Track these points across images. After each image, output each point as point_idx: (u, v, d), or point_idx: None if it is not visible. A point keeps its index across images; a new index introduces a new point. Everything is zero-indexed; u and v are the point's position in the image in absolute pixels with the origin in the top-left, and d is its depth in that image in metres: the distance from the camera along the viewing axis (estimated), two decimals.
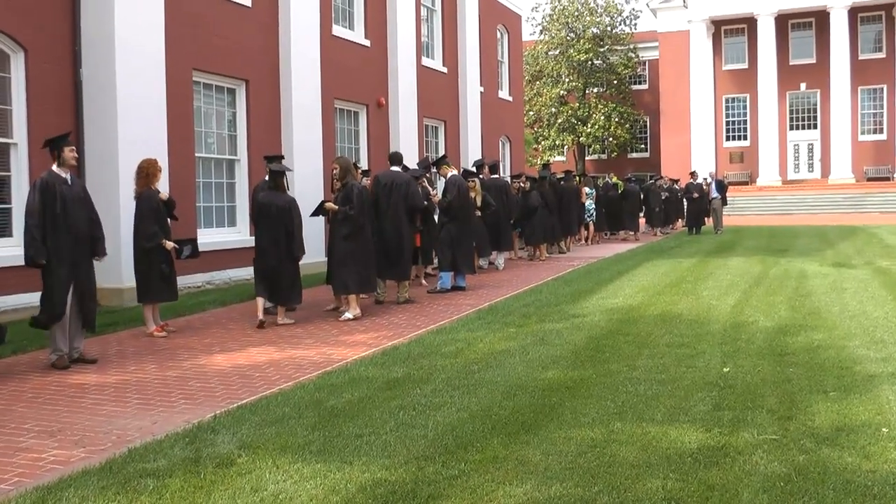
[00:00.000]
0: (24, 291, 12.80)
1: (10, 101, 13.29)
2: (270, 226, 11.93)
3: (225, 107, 17.58)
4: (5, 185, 13.28)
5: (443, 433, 6.29)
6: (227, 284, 16.35)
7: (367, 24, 22.46)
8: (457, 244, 15.16)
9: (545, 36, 60.80)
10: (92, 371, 9.33)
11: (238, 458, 5.83)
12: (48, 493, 5.32)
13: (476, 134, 29.10)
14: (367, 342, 10.45)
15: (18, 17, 13.16)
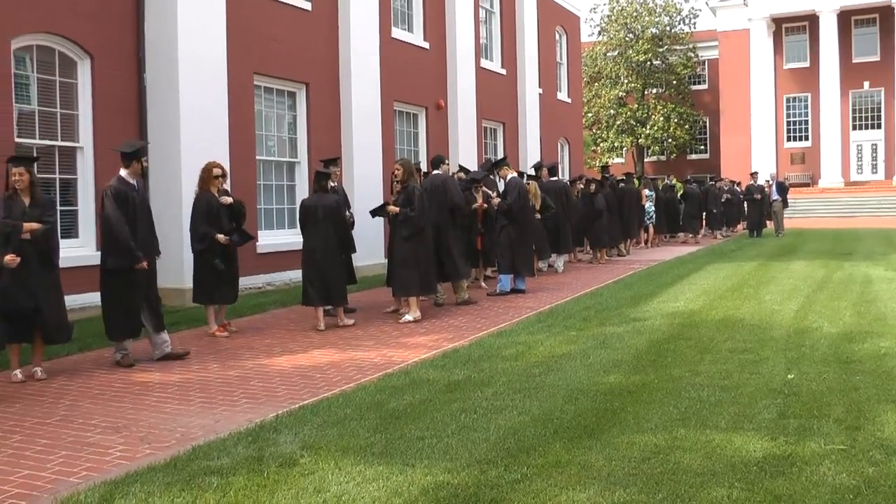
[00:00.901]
0: (89, 291, 13.02)
1: (77, 107, 13.57)
2: (318, 228, 11.97)
3: (285, 110, 17.73)
4: (71, 187, 13.53)
5: (504, 436, 6.27)
6: (287, 286, 16.47)
7: (425, 27, 22.51)
8: (516, 247, 15.13)
9: (604, 37, 60.43)
10: (156, 369, 9.48)
11: (300, 458, 5.87)
12: (115, 487, 5.42)
13: (535, 136, 29.02)
14: (428, 344, 10.47)
15: (85, 24, 13.42)
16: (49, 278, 9.15)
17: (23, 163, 9.21)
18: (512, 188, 15.22)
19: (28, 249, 8.88)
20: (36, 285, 8.94)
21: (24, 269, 8.85)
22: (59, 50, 13.32)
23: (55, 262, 9.26)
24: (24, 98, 12.87)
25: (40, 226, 8.96)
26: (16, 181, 8.98)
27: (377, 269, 16.55)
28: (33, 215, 8.98)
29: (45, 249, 9.06)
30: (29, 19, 12.59)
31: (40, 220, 9.01)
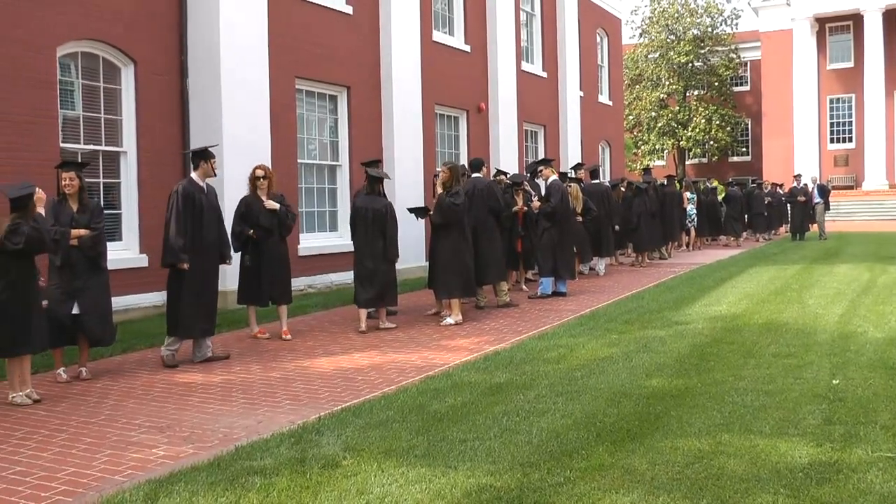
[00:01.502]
0: (132, 293, 13.19)
1: (121, 112, 13.71)
2: (367, 230, 12.07)
3: (327, 113, 17.81)
4: (114, 191, 13.68)
5: (547, 439, 6.25)
6: (328, 288, 16.54)
7: (466, 30, 22.52)
8: (558, 249, 15.10)
9: (645, 39, 60.07)
10: (198, 370, 9.57)
11: (343, 459, 5.88)
12: (159, 486, 5.48)
13: (576, 139, 28.93)
14: (469, 347, 10.46)
15: (128, 31, 13.57)
16: (97, 282, 9.29)
17: (73, 168, 9.35)
18: (554, 190, 15.18)
19: (76, 254, 9.05)
20: (82, 289, 9.10)
21: (71, 273, 9.00)
22: (104, 56, 13.47)
23: (103, 266, 9.40)
24: (69, 104, 13.03)
25: (88, 232, 9.11)
26: (66, 186, 9.12)
27: (417, 272, 16.57)
28: (81, 221, 9.13)
29: (91, 255, 9.19)
30: (74, 27, 12.76)
31: (88, 225, 9.16)
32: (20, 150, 11.65)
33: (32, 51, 12.08)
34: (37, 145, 11.89)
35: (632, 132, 59.57)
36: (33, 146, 11.83)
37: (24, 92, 11.94)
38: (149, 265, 13.53)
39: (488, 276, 13.71)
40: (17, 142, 11.74)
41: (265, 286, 11.51)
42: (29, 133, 11.93)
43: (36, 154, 11.64)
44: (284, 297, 11.74)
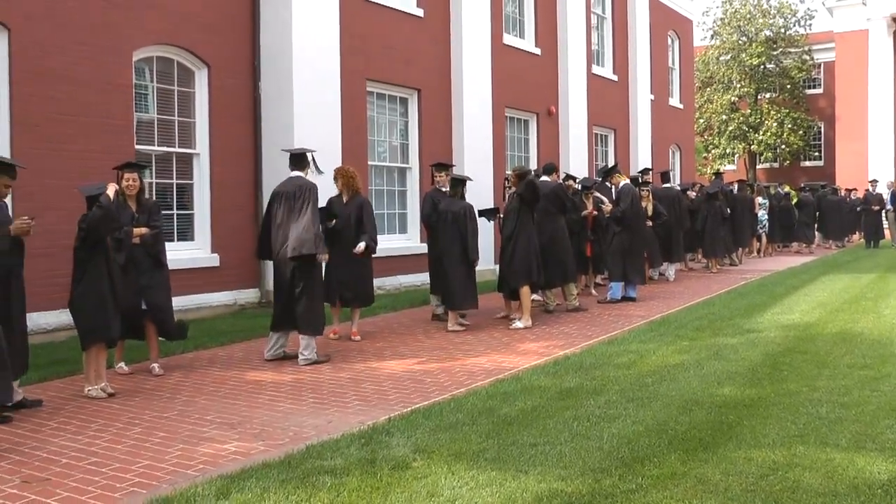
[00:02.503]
0: (204, 292, 13.37)
1: (194, 114, 13.92)
2: (446, 231, 12.22)
3: (397, 116, 17.87)
4: (187, 192, 13.88)
5: (618, 446, 6.17)
6: (397, 290, 16.59)
7: (537, 33, 22.43)
8: (628, 254, 14.97)
9: (716, 40, 59.08)
10: (268, 369, 9.67)
11: (413, 461, 5.88)
12: (231, 482, 5.53)
13: (646, 143, 28.64)
14: (539, 351, 10.41)
15: (202, 35, 13.77)
16: (160, 278, 9.60)
17: (136, 169, 9.62)
18: (625, 195, 15.07)
19: (139, 252, 9.33)
20: (146, 285, 9.39)
21: (136, 270, 9.27)
22: (178, 60, 13.69)
23: (165, 262, 9.69)
24: (143, 107, 13.26)
25: (148, 230, 9.37)
26: (128, 187, 9.38)
27: (486, 274, 16.51)
28: (141, 220, 9.42)
29: (153, 252, 9.49)
30: (150, 32, 12.99)
31: (148, 224, 9.44)
32: (97, 152, 11.88)
33: (109, 55, 12.32)
34: (113, 148, 12.11)
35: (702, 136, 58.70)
36: (109, 148, 12.04)
37: (101, 96, 12.19)
38: (220, 265, 13.70)
39: (558, 279, 13.63)
40: (93, 144, 11.98)
41: (334, 286, 11.60)
42: (105, 135, 12.17)
43: (112, 156, 11.82)
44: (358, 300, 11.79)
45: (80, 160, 11.70)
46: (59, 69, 11.68)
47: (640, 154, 28.05)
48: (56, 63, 11.65)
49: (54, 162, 11.47)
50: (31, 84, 11.38)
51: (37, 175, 10.79)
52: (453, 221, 12.22)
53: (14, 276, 7.78)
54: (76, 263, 8.46)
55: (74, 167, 11.54)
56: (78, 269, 8.43)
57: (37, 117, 11.42)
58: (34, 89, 11.40)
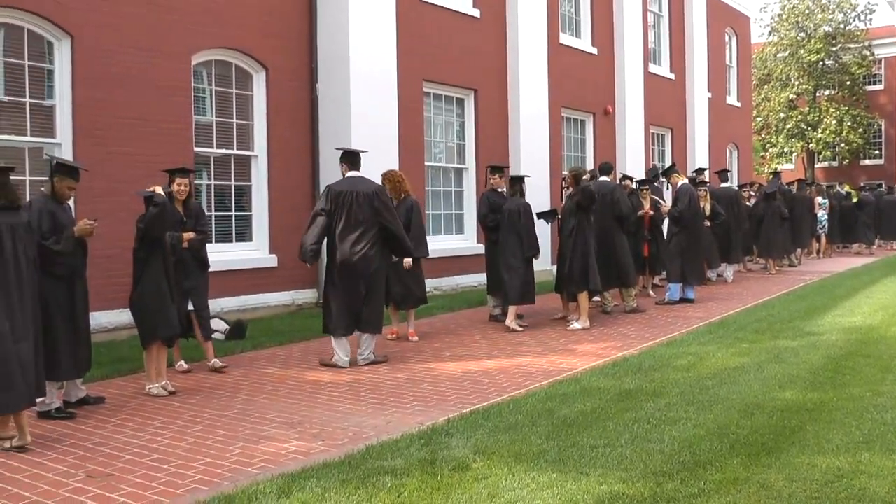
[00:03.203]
0: (263, 292, 13.49)
1: (252, 117, 14.03)
2: (503, 229, 12.33)
3: (454, 116, 17.87)
4: (245, 193, 14.01)
5: (679, 449, 6.09)
6: (454, 291, 16.59)
7: (594, 32, 22.30)
8: (686, 255, 14.81)
9: (774, 37, 58.12)
10: (327, 369, 9.69)
11: (473, 462, 5.86)
12: (292, 480, 5.57)
13: (703, 142, 28.33)
14: (597, 352, 10.35)
15: (260, 38, 13.88)
16: (204, 281, 9.86)
17: (187, 175, 9.81)
18: (683, 194, 14.91)
19: (186, 255, 9.50)
20: (192, 287, 9.59)
21: (184, 273, 9.43)
22: (236, 63, 13.81)
23: (208, 266, 9.91)
24: (202, 110, 13.41)
25: (195, 235, 9.58)
26: (179, 192, 9.52)
27: (544, 275, 16.42)
28: (189, 224, 9.61)
29: (200, 256, 9.71)
30: (208, 36, 13.12)
31: (195, 228, 9.63)
32: (156, 155, 12.00)
33: (168, 60, 12.48)
34: (172, 150, 12.24)
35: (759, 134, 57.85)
36: (168, 151, 12.17)
37: (161, 100, 12.34)
38: (278, 265, 13.81)
39: (616, 280, 13.54)
40: (153, 148, 12.12)
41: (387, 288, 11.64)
42: (164, 139, 12.33)
43: (171, 159, 11.92)
44: (410, 301, 11.80)
45: (139, 164, 11.85)
46: (119, 74, 11.85)
47: (698, 153, 27.76)
48: (117, 68, 11.83)
49: (114, 166, 11.64)
50: (92, 89, 11.56)
51: (98, 178, 10.95)
52: (510, 219, 12.26)
53: (78, 275, 7.92)
54: (135, 263, 8.62)
55: (134, 170, 11.69)
56: (137, 269, 8.60)
57: (98, 122, 11.61)
58: (96, 94, 11.59)
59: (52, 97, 11.45)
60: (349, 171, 10.23)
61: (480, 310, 14.13)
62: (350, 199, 9.89)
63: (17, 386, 6.67)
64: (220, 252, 12.62)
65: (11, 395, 6.67)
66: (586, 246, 12.46)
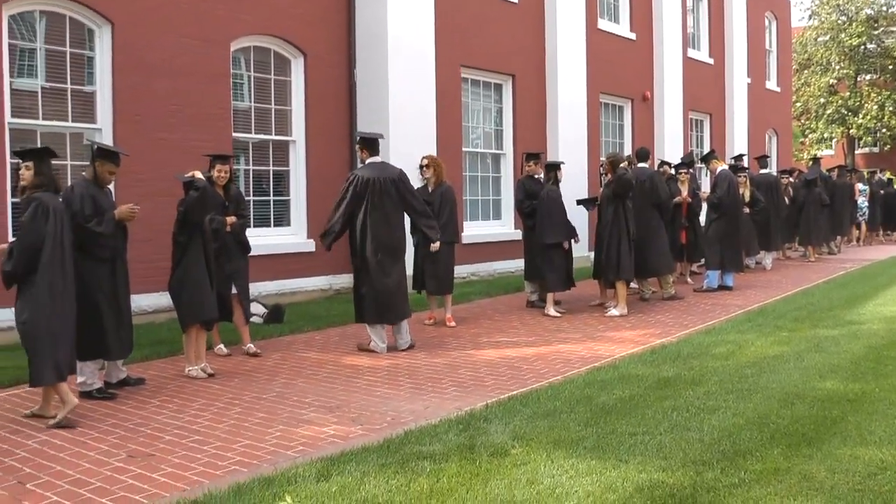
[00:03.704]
0: (301, 276, 13.55)
1: (290, 102, 14.09)
2: (541, 215, 12.35)
3: (491, 103, 17.82)
4: (283, 178, 14.08)
5: (719, 438, 6.04)
6: (491, 276, 16.59)
7: (632, 17, 22.13)
8: (725, 242, 14.68)
9: (814, 21, 57.26)
10: (364, 354, 9.73)
11: (512, 448, 5.85)
12: (331, 464, 5.59)
13: (742, 127, 28.05)
14: (635, 339, 10.31)
15: (299, 24, 13.92)
16: (244, 265, 9.96)
17: (227, 161, 9.88)
18: (722, 181, 14.78)
19: (229, 239, 9.59)
20: (234, 270, 9.69)
21: (226, 257, 9.53)
22: (275, 49, 13.86)
23: (249, 249, 10.02)
24: (240, 96, 13.47)
25: (237, 219, 9.69)
26: (220, 178, 9.60)
27: (581, 261, 16.36)
28: (230, 208, 9.70)
29: (242, 240, 9.83)
30: (248, 23, 13.18)
31: (236, 213, 9.74)
32: (196, 141, 12.11)
33: (208, 47, 12.54)
34: (210, 136, 12.35)
35: (799, 120, 57.12)
36: (207, 137, 12.28)
37: (200, 86, 12.42)
38: (315, 250, 13.85)
39: (653, 267, 13.47)
40: (192, 133, 12.23)
41: (418, 274, 11.73)
42: (203, 125, 12.42)
43: (209, 144, 12.05)
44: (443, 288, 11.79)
45: (179, 149, 11.94)
46: (159, 61, 11.94)
47: (737, 139, 27.50)
48: (156, 55, 11.91)
49: (154, 151, 11.74)
50: (132, 76, 11.66)
51: (137, 163, 11.02)
52: (545, 206, 12.28)
53: (119, 258, 8.03)
54: (175, 248, 8.71)
55: (173, 156, 11.78)
56: (177, 253, 8.69)
57: (137, 108, 11.70)
58: (135, 81, 11.68)
59: (92, 83, 11.55)
60: (370, 157, 10.13)
61: (518, 295, 14.10)
62: (378, 186, 9.85)
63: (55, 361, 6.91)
64: (258, 237, 12.67)
65: (46, 369, 6.87)
66: (623, 234, 12.40)
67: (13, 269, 6.95)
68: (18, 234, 7.09)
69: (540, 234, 12.32)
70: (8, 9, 10.60)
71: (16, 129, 10.76)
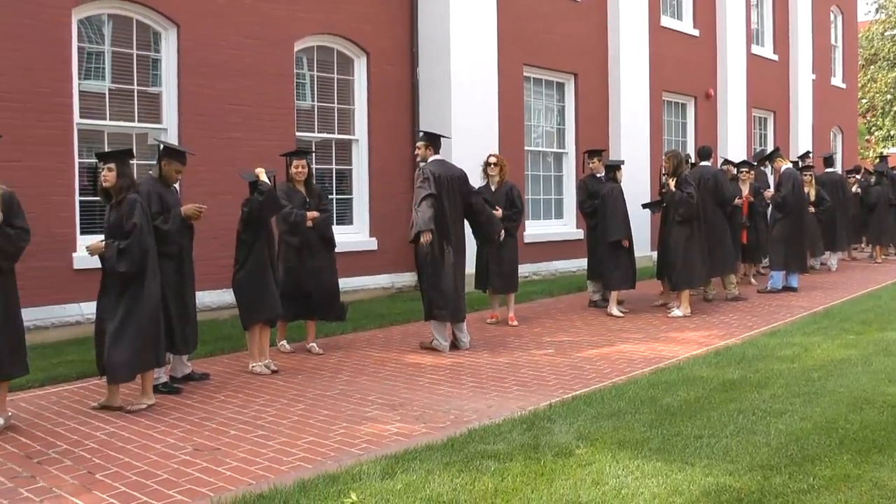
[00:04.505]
0: (363, 275, 13.62)
1: (353, 101, 14.17)
2: (601, 215, 12.33)
3: (554, 102, 17.75)
4: (346, 177, 14.17)
5: (786, 443, 5.94)
6: (552, 276, 16.54)
7: (695, 13, 21.87)
8: (789, 242, 14.45)
9: (881, 14, 56.01)
10: (427, 352, 9.76)
11: (576, 448, 5.83)
12: (395, 462, 5.61)
13: (807, 125, 27.57)
14: (698, 340, 10.21)
15: (362, 23, 13.99)
16: (329, 261, 9.89)
17: (304, 156, 9.89)
18: (786, 179, 14.55)
19: (311, 235, 9.61)
20: (317, 267, 9.69)
21: (309, 253, 9.55)
22: (338, 49, 13.95)
23: (334, 245, 9.97)
24: (303, 95, 13.58)
25: (319, 214, 9.66)
26: (297, 173, 9.63)
27: (643, 261, 16.24)
28: (311, 204, 9.72)
29: (327, 235, 9.78)
30: (311, 22, 13.28)
31: (318, 208, 9.73)
32: (260, 140, 12.27)
33: (272, 47, 12.67)
34: (274, 135, 12.48)
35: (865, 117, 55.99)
36: (271, 136, 12.43)
37: (264, 86, 12.55)
38: (378, 248, 13.94)
39: (717, 267, 13.31)
40: (256, 132, 12.37)
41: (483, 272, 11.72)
42: (267, 124, 12.54)
43: (272, 143, 12.21)
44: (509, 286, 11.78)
45: (243, 148, 12.10)
46: (224, 62, 12.09)
47: (801, 137, 27.04)
48: (221, 56, 12.07)
49: (218, 150, 11.89)
50: (197, 77, 11.83)
51: (202, 163, 11.15)
52: (606, 205, 12.23)
53: (185, 255, 8.17)
54: (239, 246, 8.83)
55: (238, 155, 11.94)
56: (241, 251, 8.80)
57: (202, 108, 11.87)
58: (201, 81, 11.85)
59: (158, 85, 11.74)
60: (434, 154, 10.10)
61: (580, 295, 14.07)
62: (448, 183, 9.88)
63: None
64: None
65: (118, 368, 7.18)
66: (695, 240, 12.26)
67: (128, 268, 7.15)
68: (134, 235, 7.18)
69: (602, 233, 12.28)
70: (77, 13, 10.82)
71: (84, 129, 11.00)
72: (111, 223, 7.32)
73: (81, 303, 10.26)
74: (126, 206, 7.24)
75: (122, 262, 7.11)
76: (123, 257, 7.11)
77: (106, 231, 7.42)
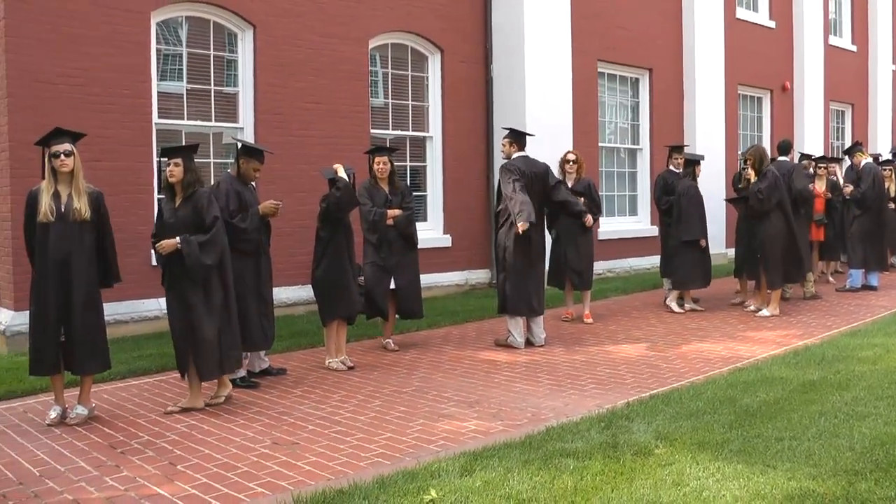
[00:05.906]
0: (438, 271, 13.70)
1: (427, 98, 14.25)
2: (675, 211, 12.21)
3: (627, 97, 17.61)
4: (420, 174, 14.25)
5: (871, 447, 5.78)
6: (627, 273, 16.43)
7: (771, 5, 21.49)
8: (869, 239, 14.13)
9: None
10: (502, 349, 9.77)
11: (655, 448, 5.78)
12: (474, 459, 5.62)
13: (886, 118, 26.91)
14: (776, 340, 10.05)
15: (436, 20, 14.05)
16: (411, 259, 9.89)
17: (386, 153, 9.90)
18: (866, 175, 14.23)
19: (392, 233, 9.60)
20: (399, 265, 9.69)
21: (388, 250, 9.57)
22: (412, 46, 14.03)
23: (416, 243, 9.94)
24: (377, 92, 13.69)
25: (402, 212, 9.63)
26: (379, 170, 9.64)
27: (717, 258, 16.05)
28: (394, 202, 9.69)
29: (408, 233, 9.74)
30: (385, 20, 13.38)
31: (401, 206, 9.70)
32: (337, 137, 12.43)
33: (347, 45, 12.79)
34: (349, 133, 12.64)
35: None
36: (346, 134, 12.59)
37: (338, 84, 12.68)
38: (452, 245, 13.98)
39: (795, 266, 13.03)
40: (331, 130, 12.53)
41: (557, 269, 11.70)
42: (342, 121, 12.68)
43: (347, 141, 12.38)
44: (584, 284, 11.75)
45: (318, 146, 12.25)
46: (299, 61, 12.25)
47: (880, 130, 26.41)
48: (297, 55, 12.22)
49: (294, 148, 12.05)
50: (273, 75, 12.00)
51: (278, 161, 11.30)
52: (681, 202, 12.13)
53: (263, 252, 8.28)
54: (317, 242, 8.91)
55: (313, 152, 12.09)
56: (319, 248, 8.88)
57: (278, 107, 12.04)
58: (276, 80, 12.02)
59: (234, 84, 11.94)
60: (518, 151, 10.11)
61: (655, 293, 13.95)
62: (531, 179, 9.87)
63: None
64: None
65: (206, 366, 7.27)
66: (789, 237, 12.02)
67: (214, 260, 7.19)
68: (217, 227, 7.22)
69: (676, 231, 12.14)
70: (156, 16, 11.04)
71: (162, 129, 11.24)
72: (180, 218, 7.17)
73: (160, 298, 10.47)
74: (201, 199, 7.23)
75: (208, 254, 7.11)
76: (208, 250, 7.12)
77: (169, 227, 7.21)
